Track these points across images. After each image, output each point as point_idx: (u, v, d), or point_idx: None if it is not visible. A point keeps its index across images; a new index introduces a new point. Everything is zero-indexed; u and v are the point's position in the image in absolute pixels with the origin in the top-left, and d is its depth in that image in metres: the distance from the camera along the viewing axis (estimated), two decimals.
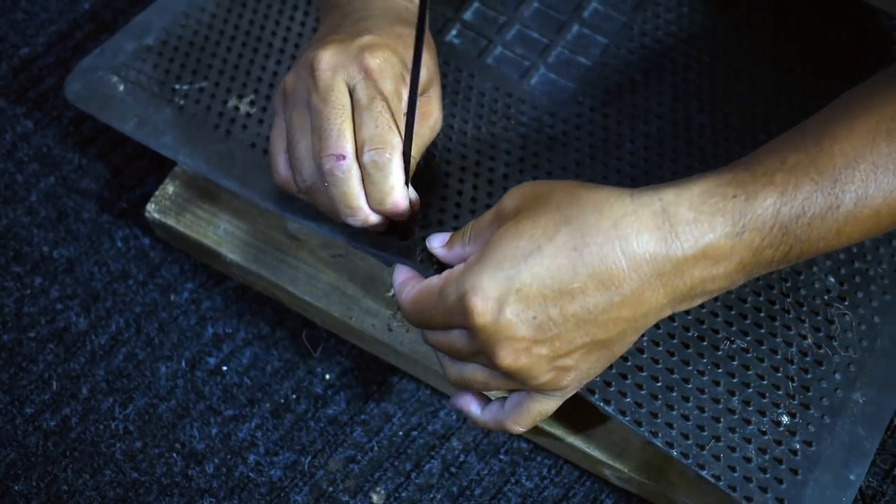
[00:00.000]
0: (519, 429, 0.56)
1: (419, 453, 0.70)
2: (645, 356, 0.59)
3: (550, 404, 0.54)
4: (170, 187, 0.73)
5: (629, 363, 0.59)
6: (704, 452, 0.57)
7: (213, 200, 0.73)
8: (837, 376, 0.60)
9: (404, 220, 0.58)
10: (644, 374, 0.59)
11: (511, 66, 0.72)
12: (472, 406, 0.58)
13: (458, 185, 0.64)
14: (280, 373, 0.72)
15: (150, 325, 0.74)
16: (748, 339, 0.61)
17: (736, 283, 0.52)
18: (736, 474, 0.57)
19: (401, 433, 0.70)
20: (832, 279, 0.63)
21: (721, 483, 0.56)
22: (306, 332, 0.73)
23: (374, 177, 0.55)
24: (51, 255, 0.76)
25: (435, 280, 0.52)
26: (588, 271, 0.49)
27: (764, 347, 0.60)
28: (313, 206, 0.61)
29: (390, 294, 0.69)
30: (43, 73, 0.84)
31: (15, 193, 0.79)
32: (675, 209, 0.49)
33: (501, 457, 0.70)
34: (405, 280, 0.55)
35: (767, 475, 0.57)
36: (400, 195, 0.56)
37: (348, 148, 0.55)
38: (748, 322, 0.61)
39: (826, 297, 0.63)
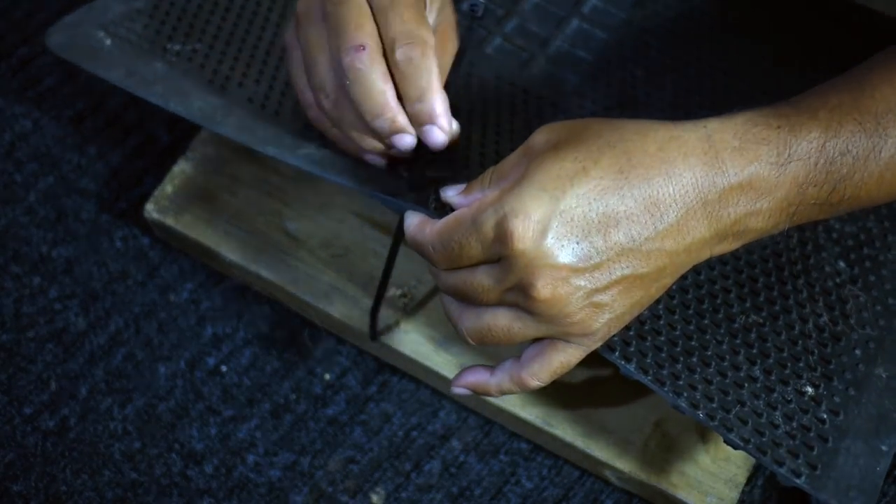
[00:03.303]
0: (536, 383, 0.52)
1: (419, 453, 0.70)
2: (662, 322, 0.58)
3: (574, 355, 0.51)
4: (169, 187, 0.73)
5: (647, 327, 0.57)
6: (730, 415, 0.56)
7: (212, 200, 0.73)
8: (857, 352, 0.60)
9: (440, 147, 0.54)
10: (662, 338, 0.57)
11: (511, 57, 0.71)
12: (479, 375, 0.54)
13: (464, 174, 0.63)
14: (280, 373, 0.72)
15: (150, 325, 0.74)
16: (763, 314, 0.60)
17: (779, 226, 0.51)
18: (764, 438, 0.55)
19: (400, 433, 0.70)
20: (842, 263, 0.63)
21: (749, 446, 0.55)
22: (306, 332, 0.73)
23: (408, 73, 0.52)
24: (50, 255, 0.76)
25: (466, 209, 0.49)
26: (634, 195, 0.47)
27: (780, 322, 0.60)
28: (319, 152, 0.58)
29: (390, 293, 0.69)
30: (42, 73, 0.84)
31: (14, 193, 0.79)
32: (721, 135, 0.48)
33: (501, 457, 0.69)
34: (421, 221, 0.52)
35: (796, 441, 0.56)
36: (437, 94, 0.52)
37: (368, 40, 0.51)
38: (761, 299, 0.61)
39: (837, 280, 0.62)
